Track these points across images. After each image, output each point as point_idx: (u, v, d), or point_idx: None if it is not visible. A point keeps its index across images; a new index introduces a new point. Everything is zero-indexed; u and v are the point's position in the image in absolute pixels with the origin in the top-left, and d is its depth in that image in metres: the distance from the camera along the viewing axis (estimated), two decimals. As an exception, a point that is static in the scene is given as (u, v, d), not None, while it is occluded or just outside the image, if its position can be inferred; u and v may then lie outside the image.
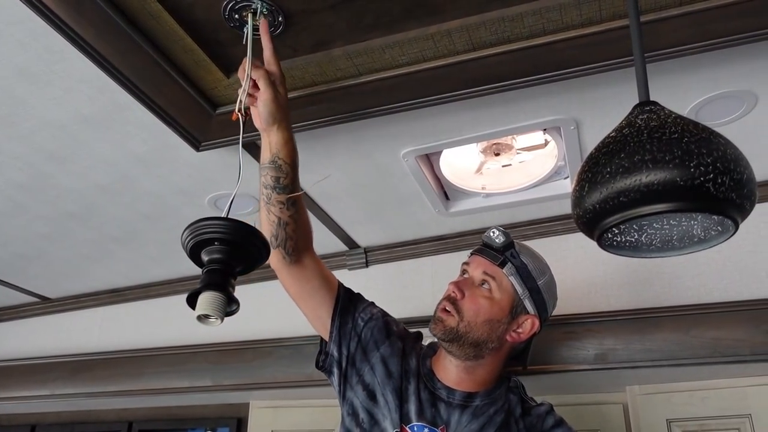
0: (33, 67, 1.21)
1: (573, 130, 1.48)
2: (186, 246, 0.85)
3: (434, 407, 1.31)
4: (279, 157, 1.17)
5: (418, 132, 1.49)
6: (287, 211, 1.20)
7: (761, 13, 1.09)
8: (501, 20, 1.14)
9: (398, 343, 1.38)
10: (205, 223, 0.84)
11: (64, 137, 1.44)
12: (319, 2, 1.09)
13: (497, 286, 1.31)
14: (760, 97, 1.39)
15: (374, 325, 1.37)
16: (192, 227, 0.84)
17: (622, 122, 0.81)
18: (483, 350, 1.30)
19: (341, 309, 1.36)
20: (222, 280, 0.85)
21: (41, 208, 1.78)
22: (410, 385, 1.32)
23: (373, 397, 1.31)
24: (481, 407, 1.32)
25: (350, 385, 1.33)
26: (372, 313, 1.39)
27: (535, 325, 1.34)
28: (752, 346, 1.62)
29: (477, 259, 1.37)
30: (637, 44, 0.86)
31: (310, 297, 1.34)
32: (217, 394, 2.21)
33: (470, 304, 1.30)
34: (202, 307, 0.83)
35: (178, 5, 1.09)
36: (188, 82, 1.28)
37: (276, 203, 1.19)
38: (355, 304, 1.39)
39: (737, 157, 0.73)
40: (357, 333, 1.35)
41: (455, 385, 1.33)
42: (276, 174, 1.17)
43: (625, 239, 0.87)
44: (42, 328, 2.60)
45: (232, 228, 0.84)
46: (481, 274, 1.33)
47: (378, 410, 1.30)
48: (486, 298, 1.31)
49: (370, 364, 1.34)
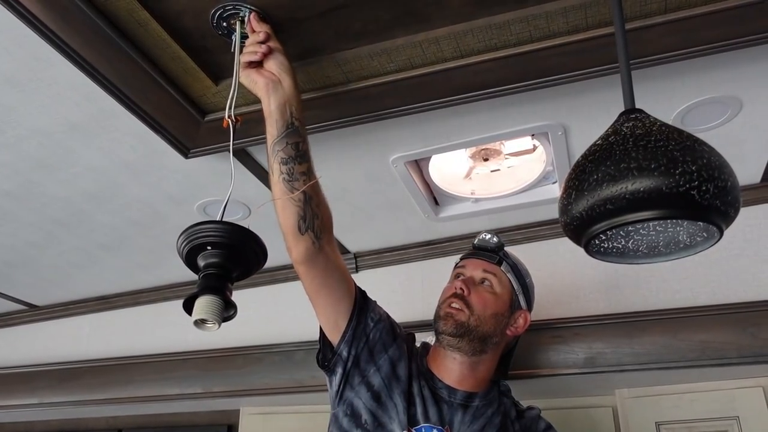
0: (19, 75, 1.21)
1: (561, 135, 1.49)
2: (182, 251, 0.84)
3: (437, 407, 1.31)
4: (293, 116, 1.09)
5: (407, 138, 1.50)
6: (312, 184, 1.13)
7: (744, 20, 1.11)
8: (488, 28, 1.14)
9: (404, 345, 1.37)
10: (200, 227, 0.83)
11: (51, 144, 1.43)
12: (307, 10, 1.10)
13: (498, 282, 1.38)
14: (745, 102, 1.41)
15: (383, 326, 1.34)
16: (187, 232, 0.83)
17: (608, 130, 0.82)
18: (488, 344, 1.35)
19: (359, 308, 1.31)
20: (219, 283, 0.83)
21: (28, 215, 1.77)
22: (415, 387, 1.32)
23: (379, 399, 1.29)
24: (480, 408, 1.33)
25: (351, 386, 1.30)
26: (380, 315, 1.36)
27: (527, 319, 1.41)
28: (739, 349, 1.64)
29: (472, 261, 1.42)
30: (622, 53, 0.87)
31: (333, 291, 1.27)
32: (207, 401, 2.20)
33: (477, 298, 1.35)
34: (198, 311, 0.81)
35: (167, 13, 1.09)
36: (176, 89, 1.28)
37: (299, 176, 1.10)
38: (368, 304, 1.35)
39: (721, 164, 0.74)
40: (366, 334, 1.32)
41: (457, 385, 1.34)
42: (295, 139, 1.10)
43: (612, 245, 0.88)
44: (30, 336, 2.57)
45: (229, 231, 0.83)
46: (481, 273, 1.39)
47: (384, 412, 1.28)
48: (490, 293, 1.37)
49: (377, 365, 1.31)
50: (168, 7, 1.08)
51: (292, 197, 1.12)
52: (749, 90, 1.37)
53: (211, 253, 0.82)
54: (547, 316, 1.81)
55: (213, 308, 0.81)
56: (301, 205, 1.13)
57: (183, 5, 1.07)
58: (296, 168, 1.11)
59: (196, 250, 0.83)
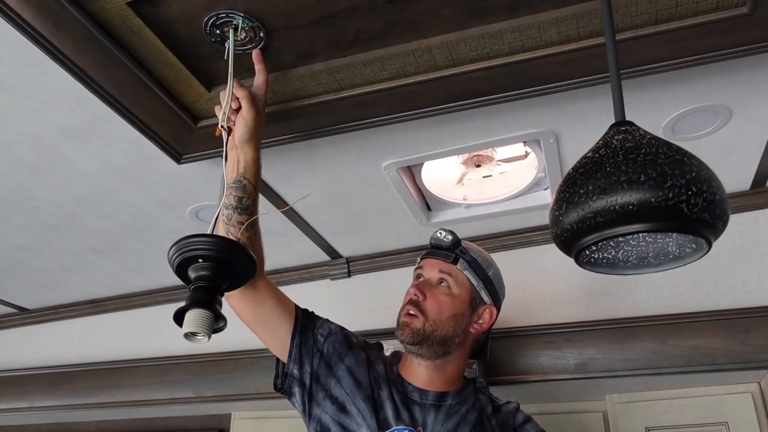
0: (11, 80, 1.20)
1: (552, 142, 1.49)
2: (173, 263, 0.85)
3: (408, 410, 1.31)
4: (245, 177, 1.17)
5: (399, 144, 1.50)
6: (246, 233, 1.19)
7: (733, 32, 1.12)
8: (481, 37, 1.15)
9: (361, 353, 1.39)
10: (191, 241, 0.84)
11: (43, 149, 1.43)
12: (300, 18, 1.10)
13: (455, 281, 1.35)
14: (734, 110, 1.42)
15: (334, 339, 1.37)
16: (178, 245, 0.84)
17: (599, 142, 0.83)
18: (450, 346, 1.33)
19: (301, 327, 1.34)
20: (208, 297, 0.84)
21: (19, 219, 1.76)
22: (383, 391, 1.33)
23: (344, 409, 1.30)
24: (453, 406, 1.34)
25: (316, 402, 1.32)
26: (330, 329, 1.39)
27: (493, 314, 1.38)
28: (729, 355, 1.65)
29: (429, 261, 1.39)
30: (613, 65, 0.88)
31: (267, 318, 1.32)
32: (198, 405, 2.20)
33: (433, 303, 1.32)
34: (189, 324, 0.83)
35: (159, 20, 1.09)
36: (169, 95, 1.28)
37: (236, 224, 1.18)
38: (314, 321, 1.39)
39: (710, 178, 0.75)
40: (319, 349, 1.35)
41: (426, 386, 1.34)
42: (240, 194, 1.17)
43: (602, 256, 0.89)
44: (20, 340, 2.56)
45: (219, 245, 0.84)
46: (438, 273, 1.36)
47: (351, 420, 1.29)
48: (447, 295, 1.34)
49: (336, 377, 1.33)
50: (161, 15, 1.08)
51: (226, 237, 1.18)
52: (739, 99, 1.38)
53: (202, 266, 0.83)
54: (539, 322, 1.82)
55: (203, 321, 0.82)
56: None
57: (176, 12, 1.07)
58: (234, 216, 1.18)
59: (186, 263, 0.84)
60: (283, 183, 1.66)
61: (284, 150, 1.45)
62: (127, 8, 1.05)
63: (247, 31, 1.11)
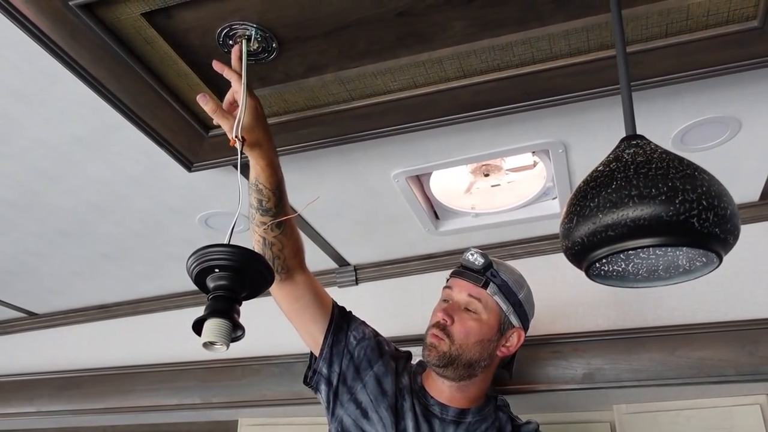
0: (27, 89, 1.22)
1: (561, 153, 1.50)
2: (191, 273, 0.86)
3: (428, 422, 1.32)
4: (259, 182, 1.16)
5: (408, 154, 1.51)
6: (271, 233, 1.20)
7: (743, 45, 1.12)
8: (491, 49, 1.16)
9: (391, 362, 1.39)
10: (209, 251, 0.85)
11: (56, 157, 1.44)
12: (312, 30, 1.11)
13: (483, 307, 1.34)
14: (744, 122, 1.42)
15: (367, 344, 1.38)
16: (197, 254, 0.85)
17: (610, 156, 0.83)
18: (476, 369, 1.33)
19: (335, 327, 1.36)
20: (227, 306, 0.85)
21: (31, 225, 1.77)
22: (405, 402, 1.33)
23: (366, 415, 1.32)
24: (474, 424, 1.34)
25: (341, 403, 1.34)
26: (365, 333, 1.41)
27: (521, 337, 1.38)
28: (737, 366, 1.65)
29: (459, 282, 1.38)
30: (624, 79, 0.88)
31: (302, 313, 1.34)
32: (205, 411, 2.20)
33: (460, 327, 1.32)
34: (207, 334, 0.84)
35: (173, 31, 1.10)
36: (181, 105, 1.29)
37: (259, 224, 1.18)
38: (349, 323, 1.40)
39: (721, 192, 0.75)
40: (350, 351, 1.36)
41: (448, 402, 1.35)
42: (258, 197, 1.17)
43: (612, 268, 0.89)
44: (29, 344, 2.57)
45: (237, 255, 0.85)
46: (467, 297, 1.35)
47: (371, 426, 1.30)
48: (474, 320, 1.33)
49: (363, 382, 1.34)
50: (175, 25, 1.09)
51: (253, 236, 1.22)
52: (748, 111, 1.38)
53: (220, 276, 0.84)
54: (547, 332, 1.82)
55: (221, 331, 0.83)
56: (259, 246, 1.22)
57: (190, 23, 1.09)
58: (257, 216, 1.19)
59: (205, 272, 0.85)
60: (292, 192, 1.65)
61: (294, 159, 1.46)
62: (141, 19, 1.06)
63: (260, 42, 1.12)
